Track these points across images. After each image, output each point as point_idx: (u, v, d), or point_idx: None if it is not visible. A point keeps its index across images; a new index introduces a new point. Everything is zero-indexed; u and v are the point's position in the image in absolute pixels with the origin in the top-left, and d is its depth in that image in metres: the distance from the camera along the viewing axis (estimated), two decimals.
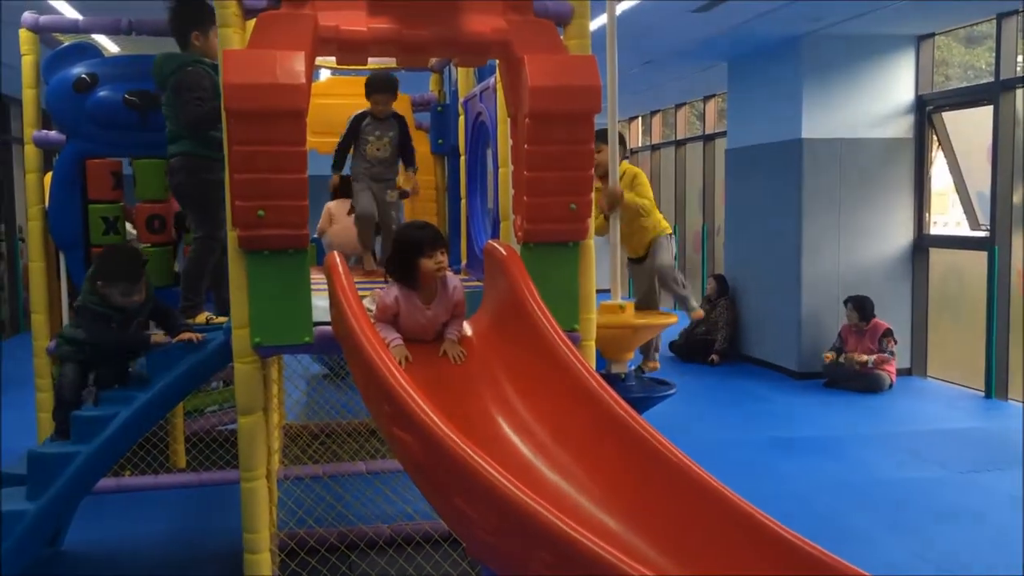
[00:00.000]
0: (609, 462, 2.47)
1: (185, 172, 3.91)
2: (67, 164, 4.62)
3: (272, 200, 2.91)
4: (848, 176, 8.64)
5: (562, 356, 2.71)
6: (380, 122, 4.54)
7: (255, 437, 3.18)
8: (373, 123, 4.52)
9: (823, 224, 8.65)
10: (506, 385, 2.83)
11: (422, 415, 2.23)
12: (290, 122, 2.85)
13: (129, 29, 4.60)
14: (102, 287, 3.74)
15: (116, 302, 3.74)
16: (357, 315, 2.67)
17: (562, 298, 3.18)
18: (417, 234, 3.00)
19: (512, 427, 2.68)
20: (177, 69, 3.89)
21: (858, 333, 8.26)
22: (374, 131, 4.52)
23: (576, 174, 3.11)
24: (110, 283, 3.73)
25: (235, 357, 3.12)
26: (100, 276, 3.75)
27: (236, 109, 2.81)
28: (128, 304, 3.76)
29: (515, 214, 3.29)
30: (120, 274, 3.72)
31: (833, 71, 8.54)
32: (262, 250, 3.00)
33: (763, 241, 9.34)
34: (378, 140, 4.51)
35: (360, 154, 4.54)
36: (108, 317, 3.76)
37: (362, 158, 4.53)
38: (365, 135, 4.52)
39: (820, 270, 8.67)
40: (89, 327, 3.76)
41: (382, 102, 4.50)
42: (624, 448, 2.43)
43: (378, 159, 4.53)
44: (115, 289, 3.73)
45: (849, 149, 8.61)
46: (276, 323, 3.05)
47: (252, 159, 2.86)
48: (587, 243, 3.26)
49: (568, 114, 3.03)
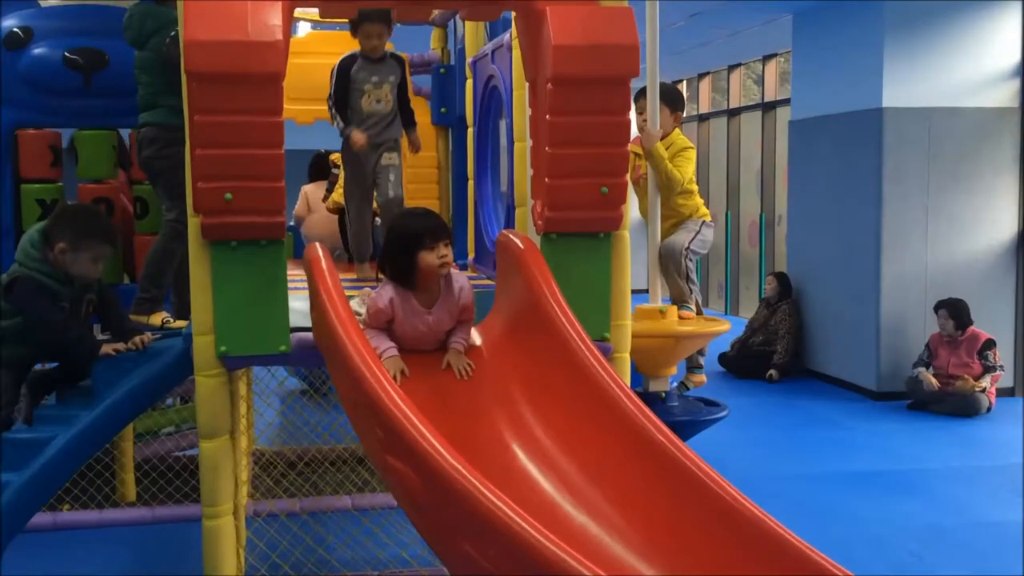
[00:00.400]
0: (648, 500, 2.47)
1: (159, 144, 3.96)
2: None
3: (242, 181, 2.91)
4: (939, 153, 8.60)
5: (591, 371, 2.71)
6: (375, 64, 4.22)
7: (219, 465, 3.18)
8: (366, 66, 4.21)
9: (908, 212, 8.62)
10: (523, 406, 2.83)
11: (422, 441, 2.24)
12: (264, 87, 2.86)
13: None
14: (63, 251, 3.58)
15: (79, 272, 3.62)
16: (343, 320, 2.68)
17: (591, 301, 3.18)
18: (416, 223, 3.01)
19: (530, 456, 2.68)
20: (161, 29, 3.93)
21: (951, 344, 8.23)
22: (370, 77, 4.21)
23: (608, 151, 3.10)
24: (78, 246, 3.55)
25: (196, 369, 3.13)
26: (64, 236, 3.58)
27: (199, 71, 2.82)
28: (91, 277, 3.65)
29: (534, 199, 3.29)
30: (94, 234, 3.59)
31: (922, 27, 8.50)
32: (229, 241, 3.01)
33: (834, 232, 9.31)
34: (376, 89, 4.22)
35: (352, 112, 4.24)
36: (57, 295, 3.61)
37: (354, 116, 4.24)
38: (357, 84, 4.21)
39: (904, 268, 8.64)
40: (32, 304, 3.56)
41: (376, 35, 4.16)
42: (666, 483, 2.43)
43: (377, 115, 4.25)
44: (84, 254, 3.59)
45: (940, 121, 8.57)
46: (246, 329, 3.06)
47: (218, 131, 2.87)
48: (621, 234, 3.26)
49: (599, 78, 3.02)
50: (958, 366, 8.18)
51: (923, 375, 8.21)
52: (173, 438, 6.39)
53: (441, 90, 5.81)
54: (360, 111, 4.23)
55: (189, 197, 3.06)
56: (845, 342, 9.17)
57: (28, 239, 3.71)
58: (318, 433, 6.50)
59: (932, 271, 8.66)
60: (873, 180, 8.66)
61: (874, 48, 8.59)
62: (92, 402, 3.60)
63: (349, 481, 5.87)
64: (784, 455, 7.07)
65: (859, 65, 8.81)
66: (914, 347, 8.57)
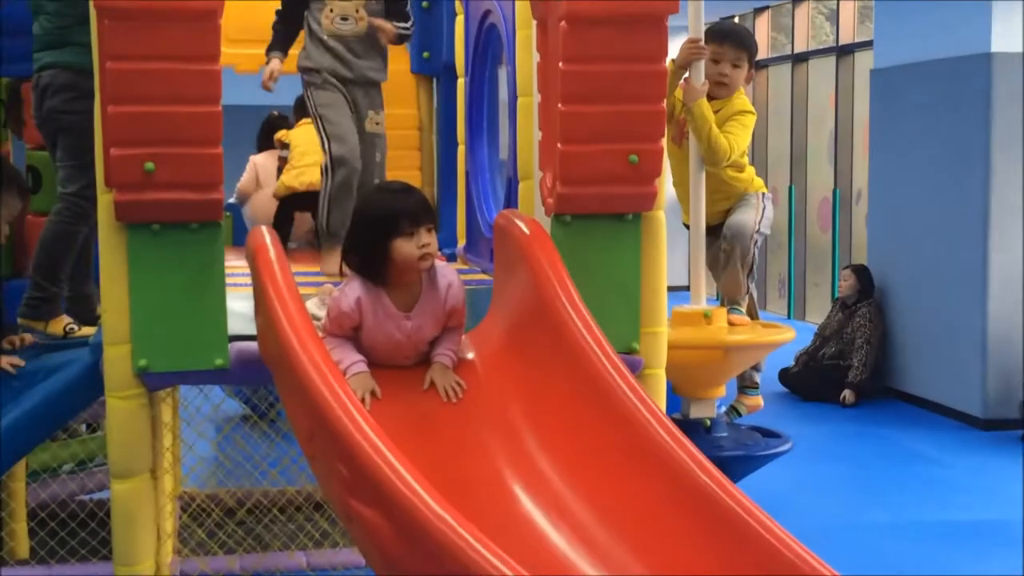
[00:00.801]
0: (687, 558, 2.48)
1: (69, 94, 3.99)
2: None
3: (167, 146, 2.94)
4: None
5: (614, 392, 2.72)
6: None
7: (137, 513, 3.20)
8: None
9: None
10: (526, 436, 2.84)
11: (396, 481, 2.25)
12: (196, 25, 2.88)
13: None
14: None
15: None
16: (296, 326, 2.69)
17: (615, 302, 3.20)
18: (390, 202, 3.02)
19: (536, 500, 2.69)
20: None
21: None
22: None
23: (638, 108, 3.12)
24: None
25: (108, 389, 3.15)
26: None
27: (112, 5, 2.85)
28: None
29: (543, 170, 3.30)
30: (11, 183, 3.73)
31: None
32: (151, 223, 3.03)
33: (929, 214, 9.32)
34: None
35: (311, 36, 4.33)
36: None
37: (316, 43, 4.31)
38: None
39: (1019, 260, 8.63)
40: None
41: None
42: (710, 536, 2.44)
43: (346, 36, 4.30)
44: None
45: None
46: (172, 337, 3.08)
47: (137, 82, 2.89)
48: (656, 215, 3.28)
49: (626, 16, 3.04)
50: None
51: None
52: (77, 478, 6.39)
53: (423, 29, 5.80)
54: (319, 35, 4.30)
55: (100, 166, 3.07)
56: (943, 356, 9.17)
57: None
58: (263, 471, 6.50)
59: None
60: (979, 146, 8.66)
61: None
62: None
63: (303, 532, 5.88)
64: (863, 500, 7.07)
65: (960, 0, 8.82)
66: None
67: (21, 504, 5.71)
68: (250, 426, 7.81)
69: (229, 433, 7.58)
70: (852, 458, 8.05)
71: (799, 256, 13.57)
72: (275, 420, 7.20)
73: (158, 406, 3.42)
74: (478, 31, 4.69)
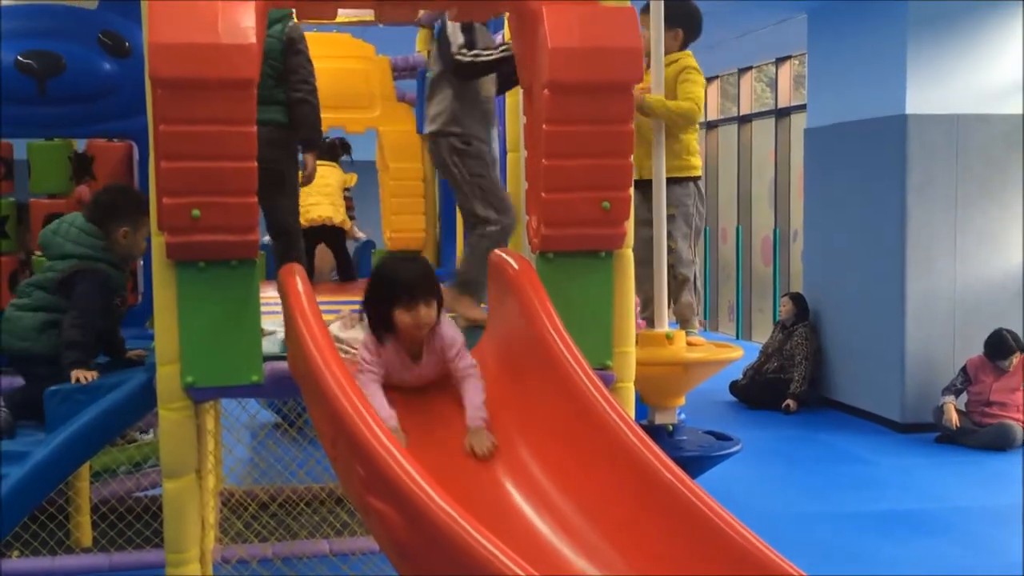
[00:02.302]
0: (654, 543, 2.47)
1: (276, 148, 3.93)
2: None
3: (210, 196, 2.93)
4: (969, 164, 8.64)
5: (592, 403, 2.71)
6: None
7: (185, 508, 3.18)
8: None
9: (935, 227, 8.65)
10: (518, 440, 2.83)
11: (407, 480, 2.23)
12: (236, 94, 2.88)
13: None
14: (125, 235, 3.78)
15: (137, 254, 3.83)
16: (320, 346, 2.68)
17: (591, 325, 3.19)
18: (394, 272, 2.99)
19: (526, 496, 2.68)
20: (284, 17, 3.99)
21: (997, 371, 8.20)
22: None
23: (610, 162, 3.12)
24: (138, 226, 3.74)
25: (160, 402, 3.13)
26: (125, 219, 3.76)
27: (165, 77, 2.84)
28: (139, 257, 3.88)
29: (529, 214, 3.30)
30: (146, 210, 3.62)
31: (948, 26, 8.56)
32: (197, 261, 3.03)
33: (855, 250, 9.34)
34: None
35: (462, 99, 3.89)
36: (117, 288, 3.77)
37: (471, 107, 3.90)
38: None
39: (931, 288, 8.66)
40: (94, 298, 3.66)
41: None
42: (674, 525, 2.43)
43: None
44: (141, 233, 3.76)
45: (970, 129, 8.62)
46: (215, 357, 3.07)
47: (185, 142, 2.88)
48: (624, 253, 3.28)
49: (600, 84, 3.04)
50: (1003, 391, 8.16)
51: (947, 406, 8.21)
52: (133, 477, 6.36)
53: None
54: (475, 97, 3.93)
55: (153, 213, 3.07)
56: (868, 369, 9.18)
57: (81, 230, 3.79)
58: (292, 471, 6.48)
59: (962, 291, 8.68)
60: (897, 193, 8.69)
61: (896, 50, 8.64)
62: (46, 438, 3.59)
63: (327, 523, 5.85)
64: (803, 493, 7.06)
65: (880, 68, 8.86)
66: (942, 375, 8.57)
67: (85, 500, 5.68)
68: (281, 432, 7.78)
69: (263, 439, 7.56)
70: (792, 458, 8.04)
71: (745, 285, 13.59)
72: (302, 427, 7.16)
73: (203, 416, 3.40)
74: None
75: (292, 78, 3.86)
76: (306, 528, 5.87)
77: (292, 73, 3.86)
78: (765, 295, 13.02)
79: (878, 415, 9.02)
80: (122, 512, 5.95)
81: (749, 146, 13.59)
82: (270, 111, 3.85)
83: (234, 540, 5.65)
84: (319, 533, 5.75)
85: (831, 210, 9.78)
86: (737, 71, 13.57)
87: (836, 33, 9.54)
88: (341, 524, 5.82)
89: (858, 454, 8.10)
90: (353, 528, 5.76)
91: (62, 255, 3.79)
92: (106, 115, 4.68)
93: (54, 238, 3.82)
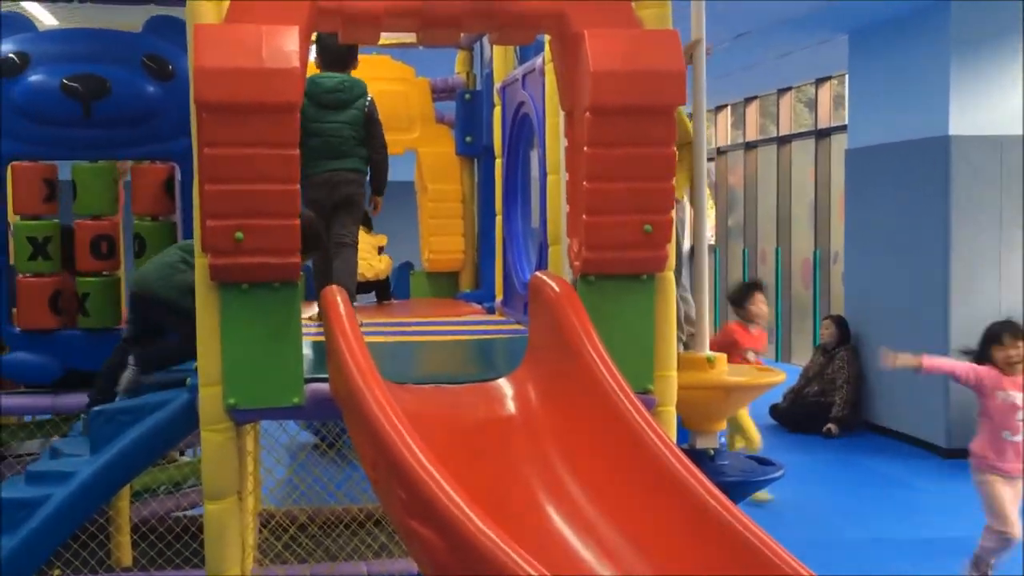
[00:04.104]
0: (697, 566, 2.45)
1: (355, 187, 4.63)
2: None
3: (254, 218, 2.95)
4: (1013, 186, 8.54)
5: (634, 427, 2.71)
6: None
7: (226, 529, 3.19)
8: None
9: (979, 250, 8.56)
10: (559, 464, 2.82)
11: (448, 504, 2.24)
12: (279, 118, 2.91)
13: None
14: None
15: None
16: (363, 369, 2.69)
17: (633, 349, 3.19)
18: None
19: (567, 520, 2.67)
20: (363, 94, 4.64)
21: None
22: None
23: (652, 185, 3.12)
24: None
25: (203, 423, 3.15)
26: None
27: (210, 101, 2.87)
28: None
29: (570, 237, 3.30)
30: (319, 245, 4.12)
31: (992, 45, 8.49)
32: (240, 283, 3.05)
33: (897, 272, 9.26)
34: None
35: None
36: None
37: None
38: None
39: (976, 311, 8.54)
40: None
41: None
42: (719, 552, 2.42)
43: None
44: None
45: (1014, 150, 8.53)
46: (257, 379, 3.09)
47: (229, 165, 2.91)
48: (666, 275, 3.27)
49: (642, 107, 3.05)
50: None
51: None
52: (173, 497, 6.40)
53: (467, 117, 5.86)
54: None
55: (197, 235, 3.09)
56: (911, 393, 9.07)
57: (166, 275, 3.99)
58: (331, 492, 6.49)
59: (1007, 314, 8.54)
60: (940, 215, 8.61)
61: (939, 70, 8.58)
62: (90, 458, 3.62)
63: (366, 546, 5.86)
64: (845, 519, 6.98)
65: (922, 89, 8.80)
66: None
67: (126, 519, 5.72)
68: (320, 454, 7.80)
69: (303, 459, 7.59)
70: (834, 483, 7.97)
71: (785, 308, 13.49)
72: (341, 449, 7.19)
73: (244, 437, 3.42)
74: (513, 119, 4.72)
75: (373, 143, 4.64)
76: (345, 550, 5.88)
77: (372, 139, 4.63)
78: (805, 317, 12.92)
79: (922, 440, 8.92)
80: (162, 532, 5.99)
81: (789, 167, 13.52)
82: (352, 161, 4.58)
83: (274, 561, 5.67)
84: (358, 555, 5.76)
85: (873, 232, 9.71)
86: (777, 92, 13.52)
87: (878, 53, 9.50)
88: (379, 546, 5.83)
89: (901, 479, 8.00)
90: (392, 550, 5.77)
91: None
92: (150, 137, 4.74)
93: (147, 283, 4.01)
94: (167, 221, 4.85)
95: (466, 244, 6.18)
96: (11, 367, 4.77)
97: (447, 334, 4.57)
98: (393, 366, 3.49)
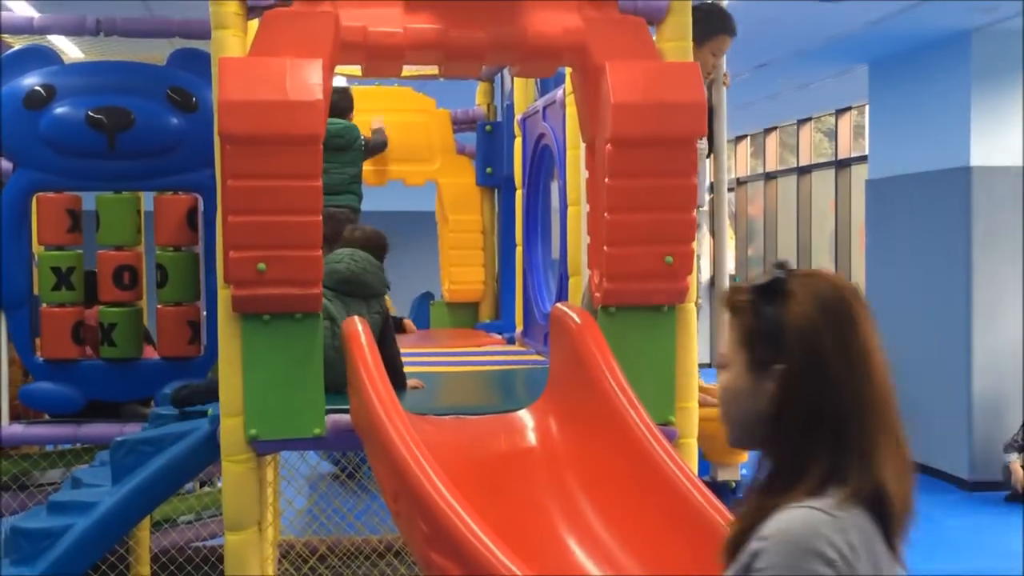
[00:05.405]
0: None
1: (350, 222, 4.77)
2: (14, 199, 4.77)
3: (276, 250, 2.98)
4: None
5: (656, 459, 2.70)
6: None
7: (246, 560, 3.19)
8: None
9: (1001, 281, 8.50)
10: (579, 496, 2.82)
11: (470, 537, 2.24)
12: (302, 150, 2.94)
13: (97, 29, 4.78)
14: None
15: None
16: (385, 402, 2.70)
17: (654, 381, 3.18)
18: None
19: (588, 553, 2.66)
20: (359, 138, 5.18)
21: None
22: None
23: (673, 216, 3.14)
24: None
25: (224, 454, 3.16)
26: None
27: (234, 133, 2.90)
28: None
29: (591, 268, 3.31)
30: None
31: (1014, 75, 8.47)
32: (262, 314, 3.06)
33: (919, 303, 9.21)
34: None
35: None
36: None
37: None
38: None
39: (998, 342, 8.50)
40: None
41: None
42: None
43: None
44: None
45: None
46: (278, 410, 3.10)
47: (252, 197, 2.95)
48: (687, 307, 3.27)
49: (663, 139, 3.07)
50: None
51: (1013, 466, 8.04)
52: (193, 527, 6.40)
53: (487, 149, 5.88)
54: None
55: (220, 267, 3.11)
56: (934, 426, 9.00)
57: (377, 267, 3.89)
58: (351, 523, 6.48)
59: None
60: (962, 246, 8.57)
61: (960, 100, 8.57)
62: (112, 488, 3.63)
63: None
64: None
65: (943, 119, 8.79)
66: (1011, 432, 8.38)
67: (146, 549, 5.71)
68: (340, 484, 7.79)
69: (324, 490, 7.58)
70: None
71: None
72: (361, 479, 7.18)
73: (264, 468, 3.43)
74: (533, 151, 4.73)
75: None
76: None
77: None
78: None
79: (945, 472, 8.83)
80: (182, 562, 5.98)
81: (809, 197, 13.49)
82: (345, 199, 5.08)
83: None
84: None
85: (894, 262, 9.67)
86: (797, 122, 13.51)
87: (898, 84, 9.49)
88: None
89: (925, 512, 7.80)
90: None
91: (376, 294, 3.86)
92: (173, 169, 4.77)
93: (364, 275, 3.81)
94: (189, 252, 4.88)
95: (486, 274, 6.18)
96: (34, 397, 4.79)
97: (467, 364, 4.57)
98: (414, 397, 3.49)
